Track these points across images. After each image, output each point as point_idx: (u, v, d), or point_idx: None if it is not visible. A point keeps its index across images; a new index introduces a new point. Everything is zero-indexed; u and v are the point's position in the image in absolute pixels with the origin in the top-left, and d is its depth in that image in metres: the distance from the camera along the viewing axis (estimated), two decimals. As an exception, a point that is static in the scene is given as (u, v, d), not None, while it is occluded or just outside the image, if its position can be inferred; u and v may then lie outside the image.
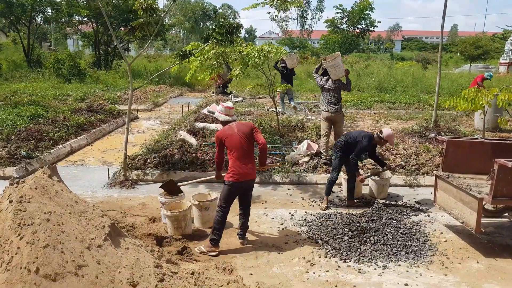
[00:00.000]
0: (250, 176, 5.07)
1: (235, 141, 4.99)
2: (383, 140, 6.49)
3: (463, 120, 13.41)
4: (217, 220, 5.08)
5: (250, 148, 5.10)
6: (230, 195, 5.10)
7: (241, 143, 5.00)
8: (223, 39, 7.71)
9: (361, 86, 20.69)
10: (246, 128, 5.12)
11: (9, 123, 10.18)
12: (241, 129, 5.08)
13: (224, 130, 5.10)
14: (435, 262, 4.90)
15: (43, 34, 43.91)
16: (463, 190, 5.16)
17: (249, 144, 5.07)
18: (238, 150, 4.98)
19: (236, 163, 4.98)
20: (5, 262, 2.97)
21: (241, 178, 5.00)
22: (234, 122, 5.22)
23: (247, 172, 5.01)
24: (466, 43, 38.33)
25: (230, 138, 5.01)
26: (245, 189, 5.20)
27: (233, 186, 5.04)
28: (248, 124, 5.22)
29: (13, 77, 22.07)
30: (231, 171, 5.00)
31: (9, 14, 25.13)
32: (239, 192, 5.18)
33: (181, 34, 59.03)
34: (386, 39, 68.32)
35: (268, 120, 11.45)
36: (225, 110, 5.30)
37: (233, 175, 4.98)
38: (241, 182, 5.03)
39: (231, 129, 5.08)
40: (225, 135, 5.03)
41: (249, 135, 5.09)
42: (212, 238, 5.05)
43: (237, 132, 5.03)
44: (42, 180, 3.79)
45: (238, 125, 5.14)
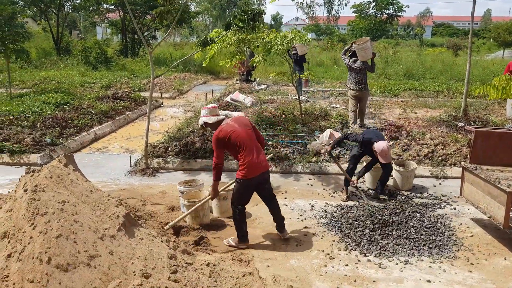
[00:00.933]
0: (264, 168, 4.79)
1: (242, 135, 4.68)
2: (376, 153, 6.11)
3: (494, 109, 12.92)
4: (235, 219, 4.89)
5: (256, 139, 4.87)
6: (244, 193, 4.84)
7: (249, 135, 4.74)
8: (245, 25, 7.58)
9: (389, 73, 20.21)
10: (245, 120, 4.90)
11: (36, 110, 10.35)
12: (241, 122, 4.81)
13: (224, 129, 4.71)
14: (460, 258, 4.72)
15: (72, 22, 44.61)
16: (491, 183, 4.94)
17: (253, 135, 4.84)
18: (248, 143, 4.69)
19: (248, 158, 4.65)
20: (18, 251, 2.98)
21: (256, 172, 4.70)
22: (227, 119, 4.87)
23: (259, 166, 4.71)
24: (499, 29, 36.96)
25: (235, 133, 4.66)
26: (261, 183, 4.87)
27: (247, 183, 4.75)
28: (243, 117, 5.04)
29: (43, 64, 22.51)
30: (243, 168, 4.67)
31: (38, 3, 25.54)
32: (253, 189, 4.90)
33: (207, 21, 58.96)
34: (416, 24, 66.65)
35: (291, 108, 11.31)
36: (210, 111, 4.92)
37: (245, 173, 4.67)
38: (256, 177, 4.73)
39: (230, 125, 4.74)
40: (229, 133, 4.67)
41: (250, 126, 4.88)
42: (239, 237, 4.91)
43: (239, 127, 4.73)
44: (57, 169, 3.79)
45: (235, 120, 4.83)
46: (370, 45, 9.22)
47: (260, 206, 5.77)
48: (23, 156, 7.95)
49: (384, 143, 6.03)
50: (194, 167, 7.79)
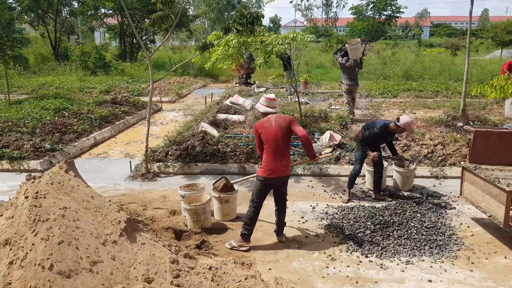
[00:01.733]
0: (282, 173, 4.86)
1: (270, 135, 4.79)
2: (401, 128, 6.11)
3: (493, 109, 12.94)
4: (249, 215, 4.96)
5: (286, 143, 4.87)
6: (262, 190, 4.94)
7: (276, 138, 4.78)
8: (244, 29, 7.61)
9: (387, 74, 20.24)
10: (283, 122, 4.86)
11: (35, 116, 10.36)
12: (278, 122, 4.85)
13: (262, 122, 4.92)
14: (460, 257, 4.73)
15: (70, 27, 44.64)
16: (491, 182, 4.95)
17: (284, 139, 4.84)
18: (272, 145, 4.78)
19: (268, 158, 4.80)
20: (20, 258, 2.99)
21: (273, 174, 4.81)
22: (274, 115, 4.98)
23: (279, 169, 4.81)
24: (497, 28, 37.03)
25: (266, 131, 4.81)
26: (278, 186, 4.99)
27: (265, 182, 4.87)
28: (286, 117, 4.96)
29: (41, 70, 22.53)
30: (263, 166, 4.84)
31: (36, 8, 25.57)
32: (271, 188, 5.01)
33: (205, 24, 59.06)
34: (414, 25, 66.74)
35: (290, 110, 11.33)
36: (266, 101, 5.06)
37: (265, 171, 4.82)
38: (273, 179, 4.85)
39: (269, 121, 4.88)
40: (262, 128, 4.86)
41: (287, 129, 4.84)
42: (243, 233, 4.96)
43: (274, 126, 4.81)
44: (58, 176, 3.80)
45: (277, 118, 4.90)
46: (360, 45, 10.59)
47: (262, 209, 5.74)
48: (23, 162, 7.95)
49: (406, 116, 6.11)
50: (195, 171, 7.79)
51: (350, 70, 10.95)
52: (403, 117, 6.10)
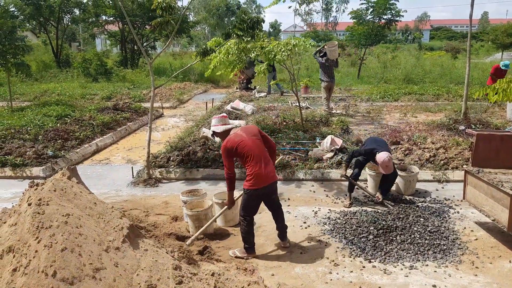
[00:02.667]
0: (271, 179, 4.74)
1: (249, 145, 4.63)
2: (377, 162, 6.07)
3: (495, 111, 12.93)
4: (244, 230, 4.82)
5: (264, 149, 4.81)
6: (253, 204, 4.80)
7: (256, 145, 4.68)
8: (244, 34, 7.62)
9: (388, 78, 20.26)
10: (254, 130, 4.83)
11: (37, 123, 10.38)
12: (249, 132, 4.77)
13: (232, 139, 4.69)
14: (464, 262, 4.71)
15: (72, 34, 44.79)
16: (494, 186, 4.94)
17: (263, 145, 4.79)
18: (255, 153, 4.63)
19: (255, 168, 4.60)
20: (23, 265, 2.98)
21: (264, 183, 4.65)
22: (235, 129, 4.87)
23: (267, 176, 4.67)
24: (497, 31, 37.11)
25: (243, 144, 4.63)
26: (268, 194, 4.83)
27: (255, 194, 4.71)
28: (252, 126, 4.97)
29: (43, 77, 22.61)
30: (250, 178, 4.63)
31: (38, 16, 25.68)
32: (262, 199, 4.89)
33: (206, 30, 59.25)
34: (414, 29, 66.87)
35: (291, 115, 11.34)
36: (220, 120, 4.94)
37: (253, 183, 4.63)
38: (264, 188, 4.68)
39: (238, 135, 4.71)
40: (236, 143, 4.64)
41: (259, 135, 4.81)
42: (246, 247, 4.89)
43: (247, 136, 4.69)
44: (61, 182, 3.80)
45: (243, 130, 4.80)
46: (336, 47, 12.23)
47: (263, 214, 5.77)
48: (25, 169, 7.96)
49: (385, 154, 5.96)
50: (197, 177, 7.79)
51: (329, 69, 12.30)
52: (379, 154, 6.03)
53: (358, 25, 21.47)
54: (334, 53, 12.08)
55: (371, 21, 20.83)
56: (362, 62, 22.14)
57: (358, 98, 16.09)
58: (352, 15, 21.38)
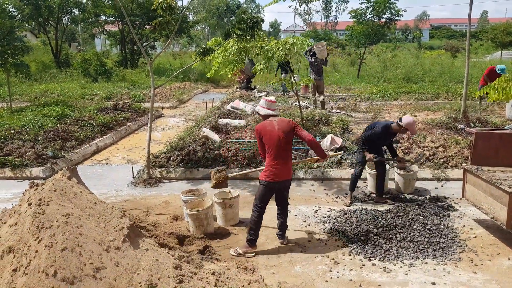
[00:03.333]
0: (285, 177, 4.88)
1: (273, 139, 4.76)
2: (403, 128, 6.07)
3: (494, 110, 12.95)
4: (253, 220, 4.96)
5: (288, 147, 4.88)
6: (265, 194, 4.93)
7: (279, 142, 4.76)
8: (244, 34, 7.64)
9: (388, 77, 20.27)
10: (287, 126, 4.85)
11: (37, 123, 10.39)
12: (282, 126, 4.83)
13: (264, 125, 4.87)
14: (464, 260, 4.72)
15: (71, 34, 44.77)
16: (493, 184, 4.95)
17: (287, 143, 4.84)
18: (275, 149, 4.77)
19: (272, 162, 4.78)
20: (24, 265, 2.99)
21: (276, 178, 4.82)
22: (276, 118, 4.95)
23: (282, 173, 4.82)
24: (496, 30, 37.05)
25: (269, 134, 4.78)
26: (281, 189, 5.01)
27: (268, 186, 4.87)
28: (290, 122, 4.94)
29: (42, 78, 22.60)
30: (266, 170, 4.83)
31: (37, 16, 25.69)
32: (274, 192, 5.01)
33: (206, 30, 59.26)
34: (414, 28, 66.86)
35: (291, 114, 11.35)
36: (267, 104, 5.03)
37: (268, 175, 4.82)
38: (276, 183, 4.85)
39: (272, 125, 4.84)
40: (264, 131, 4.82)
41: (289, 133, 4.84)
42: (249, 239, 4.95)
43: (276, 129, 4.79)
44: (61, 182, 3.82)
45: (279, 122, 4.88)
46: (325, 47, 13.10)
47: (265, 213, 5.77)
48: (25, 170, 7.97)
49: (408, 116, 6.11)
50: (197, 176, 7.80)
51: (317, 67, 13.21)
52: (405, 117, 6.10)
53: (358, 24, 21.50)
54: (322, 52, 12.91)
55: (370, 20, 20.85)
56: (362, 62, 22.16)
57: (358, 97, 16.11)
58: (352, 15, 21.40)
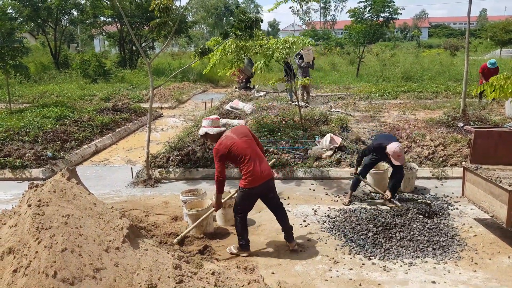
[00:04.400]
0: (266, 176, 4.73)
1: (242, 146, 4.66)
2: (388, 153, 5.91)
3: (493, 108, 12.95)
4: (237, 226, 4.88)
5: (257, 148, 4.85)
6: (246, 202, 4.84)
7: (249, 145, 4.71)
8: (243, 33, 7.64)
9: (387, 76, 20.27)
10: (244, 130, 4.86)
11: (36, 124, 10.39)
12: (240, 132, 4.78)
13: (224, 142, 4.69)
14: (464, 258, 4.72)
15: (70, 35, 44.80)
16: (493, 182, 4.96)
17: (256, 144, 4.84)
18: (249, 153, 4.66)
19: (249, 168, 4.62)
20: (24, 266, 3.00)
21: (260, 181, 4.66)
22: (227, 131, 4.86)
23: (262, 173, 4.68)
24: (495, 28, 37.08)
25: (235, 145, 4.65)
26: (265, 193, 4.84)
27: (251, 192, 4.73)
28: (242, 127, 4.99)
29: (41, 79, 22.58)
30: (246, 177, 4.64)
31: (36, 18, 25.67)
32: (257, 198, 4.89)
33: (204, 30, 59.30)
34: (413, 27, 66.90)
35: (290, 114, 11.34)
36: (213, 122, 4.91)
37: (249, 181, 4.64)
38: (260, 186, 4.69)
39: (230, 138, 4.72)
40: (229, 146, 4.65)
41: (250, 135, 4.84)
42: (240, 244, 4.92)
43: (238, 138, 4.70)
44: (60, 183, 3.82)
45: (234, 131, 4.81)
46: (311, 51, 13.85)
47: (263, 213, 5.79)
48: (25, 171, 7.97)
49: (396, 144, 5.85)
50: (196, 176, 7.80)
51: (304, 69, 14.27)
52: (390, 145, 5.88)
53: (356, 23, 21.51)
54: (309, 56, 13.84)
55: (369, 19, 20.85)
56: (361, 61, 22.16)
57: (357, 96, 16.11)
58: (350, 14, 21.40)
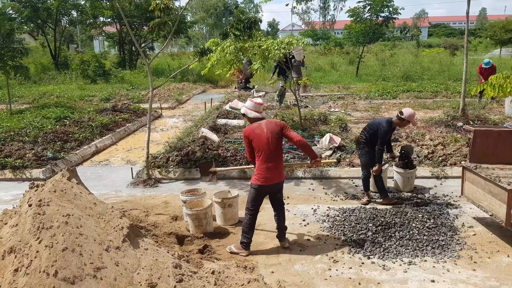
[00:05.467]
0: (277, 180, 4.80)
1: (262, 142, 4.68)
2: (405, 121, 6.11)
3: (493, 108, 12.97)
4: (246, 223, 4.91)
5: (278, 149, 4.81)
6: (257, 198, 4.87)
7: (268, 144, 4.69)
8: (242, 34, 7.65)
9: (386, 75, 20.29)
10: (276, 127, 4.78)
11: (36, 125, 10.41)
12: (270, 128, 4.75)
13: (253, 128, 4.78)
14: (463, 257, 4.74)
15: (70, 36, 44.78)
16: (492, 181, 4.97)
17: (277, 145, 4.78)
18: (265, 152, 4.69)
19: (262, 166, 4.70)
20: (25, 266, 3.01)
21: (268, 182, 4.74)
22: (264, 120, 4.89)
23: (273, 176, 4.74)
24: (495, 27, 37.09)
25: (258, 137, 4.70)
26: (273, 192, 4.94)
27: (260, 190, 4.79)
28: (277, 122, 4.87)
29: (41, 79, 22.62)
30: (257, 174, 4.74)
31: (35, 18, 25.70)
32: (266, 195, 4.94)
33: (204, 30, 59.33)
34: (412, 26, 66.90)
35: (290, 113, 11.35)
36: (255, 106, 4.94)
37: (259, 178, 4.74)
38: (268, 186, 4.78)
39: (260, 127, 4.76)
40: (253, 134, 4.73)
41: (279, 134, 4.78)
42: (242, 242, 4.93)
43: (265, 132, 4.71)
44: (61, 183, 3.83)
45: (268, 124, 4.80)
46: (302, 51, 14.62)
47: (263, 213, 5.79)
48: (25, 171, 7.99)
49: (409, 108, 6.19)
50: (196, 176, 7.81)
51: (297, 68, 14.85)
52: (405, 109, 6.13)
53: (356, 23, 21.52)
54: (300, 55, 14.69)
55: (368, 19, 20.86)
56: (360, 60, 22.17)
57: (356, 96, 16.13)
58: (350, 14, 21.42)
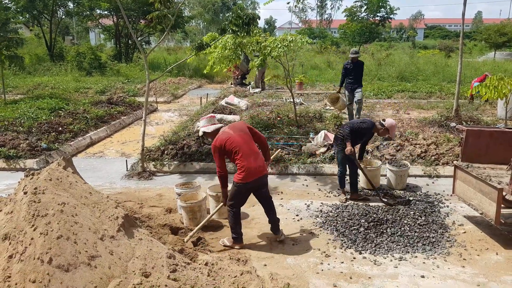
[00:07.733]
0: (261, 172, 4.80)
1: (236, 141, 4.72)
2: (384, 129, 6.21)
3: (486, 109, 13.07)
4: (230, 220, 4.92)
5: (252, 143, 4.88)
6: (241, 196, 4.88)
7: (244, 140, 4.76)
8: (240, 30, 7.67)
9: (382, 75, 20.36)
10: (241, 126, 4.94)
11: (30, 116, 10.37)
12: (236, 128, 4.87)
13: (220, 137, 4.79)
14: (453, 254, 4.80)
15: (65, 28, 44.46)
16: (483, 180, 5.04)
17: (250, 139, 4.86)
18: (243, 148, 4.71)
19: (244, 162, 4.67)
20: (19, 252, 3.03)
21: (253, 176, 4.72)
22: (224, 127, 4.96)
23: (257, 169, 4.74)
24: (490, 30, 37.29)
25: (230, 140, 4.72)
26: (258, 187, 4.91)
27: (244, 187, 4.78)
28: (240, 123, 5.07)
29: (36, 70, 22.50)
30: (241, 172, 4.70)
31: (31, 9, 25.51)
32: (250, 192, 4.94)
33: (201, 25, 59.13)
34: (408, 27, 67.09)
35: (285, 110, 11.39)
36: (209, 120, 5.03)
37: (243, 176, 4.69)
38: (253, 181, 4.75)
39: (226, 133, 4.81)
40: (224, 140, 4.73)
41: (246, 130, 4.89)
42: (233, 237, 4.96)
43: (233, 133, 4.78)
44: (56, 172, 3.85)
45: (230, 127, 4.89)
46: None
47: (256, 207, 5.83)
48: (19, 161, 7.97)
49: (392, 119, 6.32)
50: (191, 170, 7.84)
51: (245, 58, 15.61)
52: (389, 119, 6.30)
53: (352, 22, 21.59)
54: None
55: (365, 18, 20.94)
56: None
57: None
58: (346, 13, 21.50)
